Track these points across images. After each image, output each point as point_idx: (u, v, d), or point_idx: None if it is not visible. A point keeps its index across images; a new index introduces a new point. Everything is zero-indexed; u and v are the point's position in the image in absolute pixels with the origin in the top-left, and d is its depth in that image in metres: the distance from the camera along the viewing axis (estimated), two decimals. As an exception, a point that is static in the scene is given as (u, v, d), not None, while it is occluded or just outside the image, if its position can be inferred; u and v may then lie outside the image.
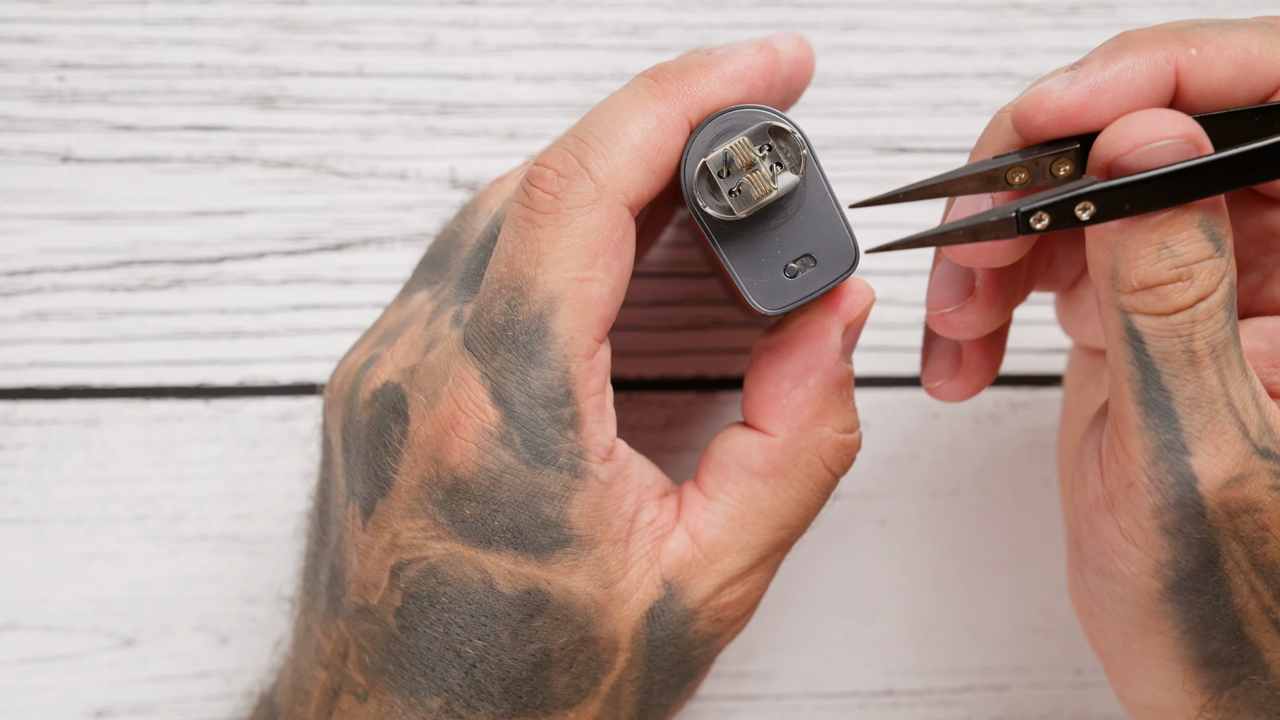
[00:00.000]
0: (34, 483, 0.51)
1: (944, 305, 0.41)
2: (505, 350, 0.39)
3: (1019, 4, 0.52)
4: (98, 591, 0.51)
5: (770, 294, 0.40)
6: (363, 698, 0.41)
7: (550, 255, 0.39)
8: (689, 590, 0.40)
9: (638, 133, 0.39)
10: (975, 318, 0.41)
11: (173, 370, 0.51)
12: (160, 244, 0.51)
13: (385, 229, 0.51)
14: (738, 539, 0.41)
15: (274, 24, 0.51)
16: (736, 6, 0.52)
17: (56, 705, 0.50)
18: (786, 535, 0.41)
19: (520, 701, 0.40)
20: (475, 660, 0.40)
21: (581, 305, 0.39)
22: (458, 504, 0.39)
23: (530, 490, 0.39)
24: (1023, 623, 0.52)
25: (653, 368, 0.52)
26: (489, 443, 0.39)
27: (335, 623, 0.42)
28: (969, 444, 0.52)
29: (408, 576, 0.40)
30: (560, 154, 0.39)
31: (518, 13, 0.51)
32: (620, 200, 0.39)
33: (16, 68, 0.51)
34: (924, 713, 0.52)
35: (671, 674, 0.41)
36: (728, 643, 0.42)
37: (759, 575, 0.41)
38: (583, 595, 0.39)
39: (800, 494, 0.41)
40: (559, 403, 0.39)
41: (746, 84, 0.40)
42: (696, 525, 0.41)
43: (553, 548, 0.39)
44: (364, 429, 0.41)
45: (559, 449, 0.39)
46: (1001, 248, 0.39)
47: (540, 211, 0.39)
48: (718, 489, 0.41)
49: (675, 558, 0.41)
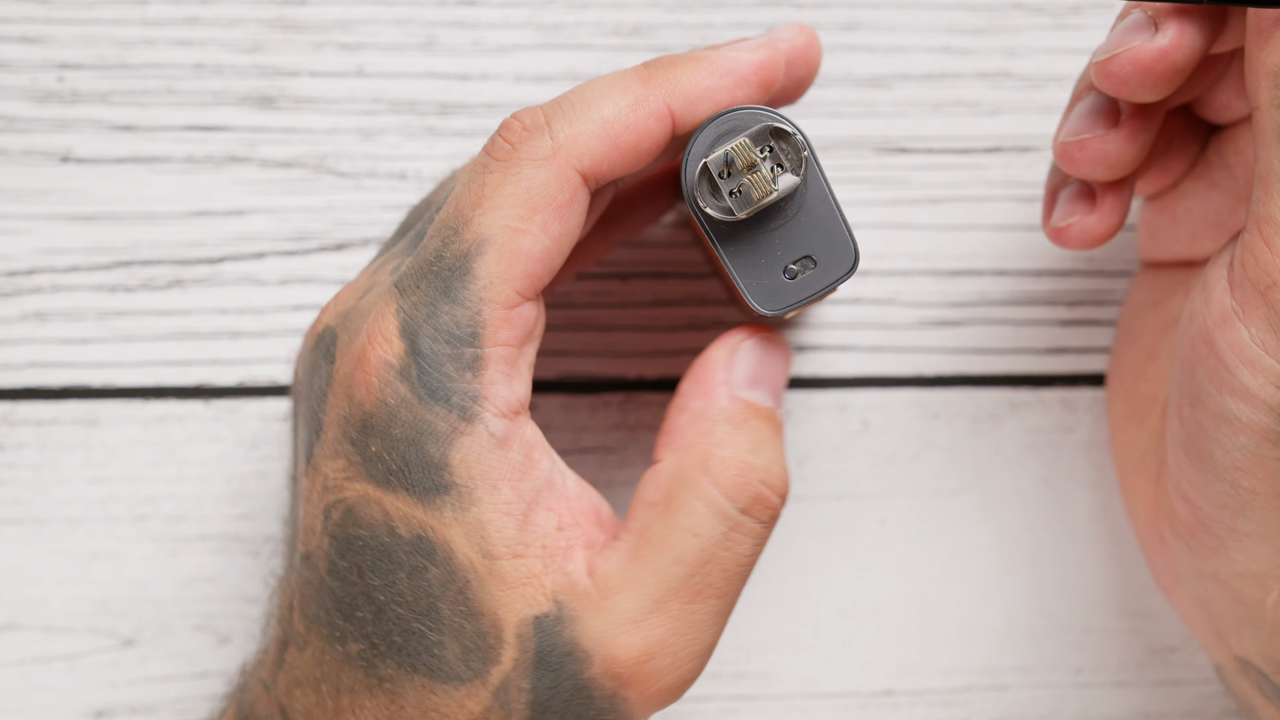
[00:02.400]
0: (34, 483, 0.51)
1: (1083, 133, 0.41)
2: (426, 285, 0.39)
3: (1019, 4, 0.52)
4: (98, 591, 0.51)
5: (769, 295, 0.40)
6: (302, 647, 0.41)
7: (491, 199, 0.39)
8: (580, 623, 0.39)
9: (610, 107, 0.39)
10: (1116, 147, 0.41)
11: (173, 370, 0.51)
12: (160, 244, 0.51)
13: (385, 229, 0.51)
14: (629, 575, 0.39)
15: (274, 24, 0.51)
16: (736, 6, 0.52)
17: (56, 705, 0.50)
18: (683, 574, 0.39)
19: (419, 659, 0.39)
20: (383, 605, 0.39)
21: (510, 254, 0.39)
22: (366, 441, 0.39)
23: (420, 427, 0.38)
24: (1023, 623, 0.52)
25: (653, 368, 0.52)
26: (389, 375, 0.39)
27: (290, 576, 0.42)
28: (969, 444, 0.52)
29: (333, 519, 0.40)
30: (532, 111, 0.40)
31: (518, 13, 0.51)
32: (573, 164, 0.39)
33: (16, 68, 0.51)
34: (924, 713, 0.52)
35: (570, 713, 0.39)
36: (644, 713, 0.40)
37: (659, 627, 0.39)
38: (461, 554, 0.39)
39: (689, 520, 0.39)
40: (463, 342, 0.38)
41: (736, 77, 0.40)
42: (596, 561, 0.40)
43: (434, 492, 0.38)
44: (306, 375, 0.41)
45: (453, 387, 0.38)
46: (1163, 69, 0.39)
47: (496, 159, 0.39)
48: (623, 528, 0.40)
49: (568, 580, 0.39)
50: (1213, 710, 0.52)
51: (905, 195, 0.52)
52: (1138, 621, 0.52)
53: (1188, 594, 0.45)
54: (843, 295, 0.51)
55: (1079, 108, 0.42)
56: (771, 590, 0.52)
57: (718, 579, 0.40)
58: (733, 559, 0.40)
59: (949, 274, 0.52)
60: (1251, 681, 0.44)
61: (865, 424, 0.52)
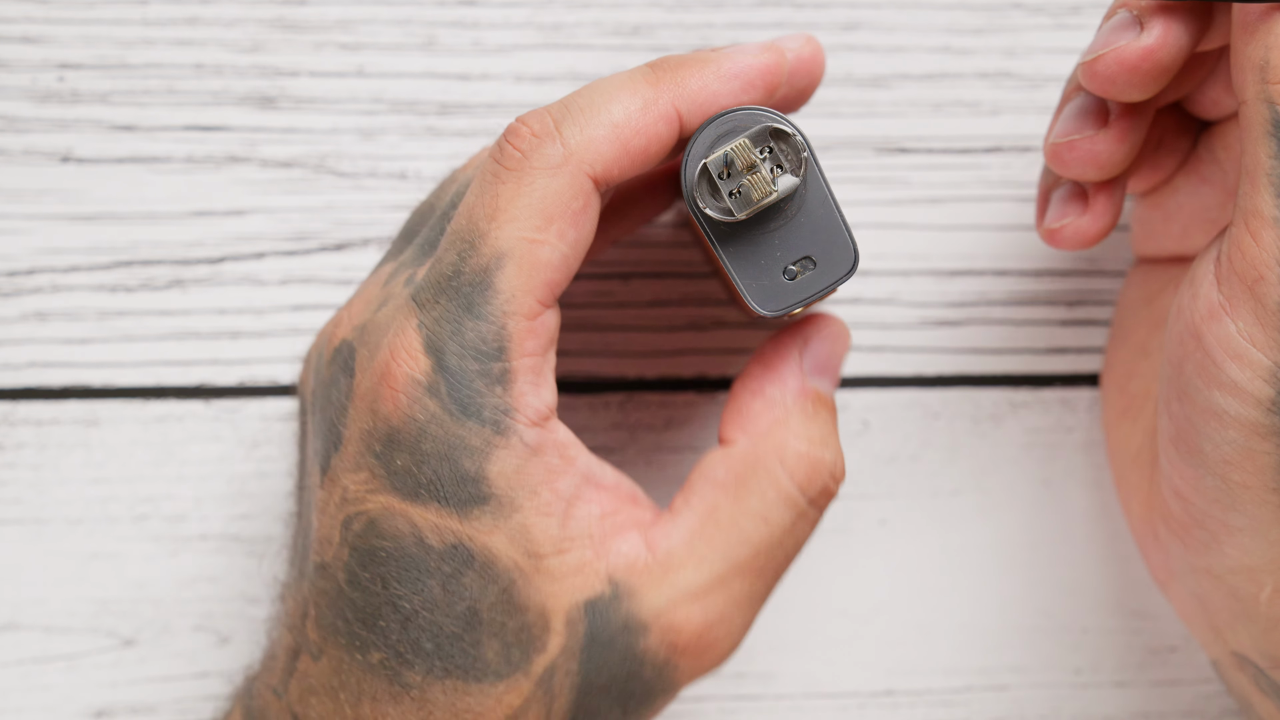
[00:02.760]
0: (34, 483, 0.51)
1: (1072, 134, 0.41)
2: (447, 300, 0.39)
3: (1019, 4, 0.52)
4: (98, 591, 0.51)
5: (769, 296, 0.40)
6: (316, 655, 0.41)
7: (506, 212, 0.39)
8: (639, 598, 0.40)
9: (619, 110, 0.39)
10: (1106, 148, 0.41)
11: (173, 370, 0.51)
12: (160, 244, 0.51)
13: (385, 229, 0.51)
14: (694, 551, 0.40)
15: (274, 24, 0.51)
16: (736, 6, 0.52)
17: (56, 705, 0.50)
18: (749, 555, 0.40)
19: (453, 662, 0.39)
20: (410, 614, 0.39)
21: (529, 265, 0.39)
22: (391, 455, 0.39)
23: (452, 442, 0.39)
24: (1023, 623, 0.52)
25: (653, 368, 0.52)
26: (417, 391, 0.39)
27: (301, 585, 0.42)
28: (969, 444, 0.52)
29: (353, 531, 0.40)
30: (539, 116, 0.39)
31: (518, 13, 0.51)
32: (586, 170, 0.39)
33: (16, 68, 0.51)
34: (924, 713, 0.52)
35: (616, 688, 0.40)
36: (689, 679, 0.41)
37: (719, 600, 0.40)
38: (505, 558, 0.39)
39: (760, 505, 0.41)
40: (491, 357, 0.39)
41: (742, 81, 0.40)
42: (655, 536, 0.41)
43: (471, 504, 0.39)
44: (323, 388, 0.41)
45: (484, 402, 0.39)
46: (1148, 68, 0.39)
47: (507, 168, 0.39)
48: (684, 505, 0.41)
49: (625, 559, 0.40)
50: (1212, 710, 0.52)
51: (905, 195, 0.52)
52: (1137, 621, 0.52)
53: (1183, 590, 0.45)
54: (843, 295, 0.51)
55: (1068, 109, 0.42)
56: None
57: (779, 561, 0.41)
58: (794, 544, 0.41)
59: (948, 274, 0.52)
60: (1248, 676, 0.44)
61: (865, 424, 0.52)
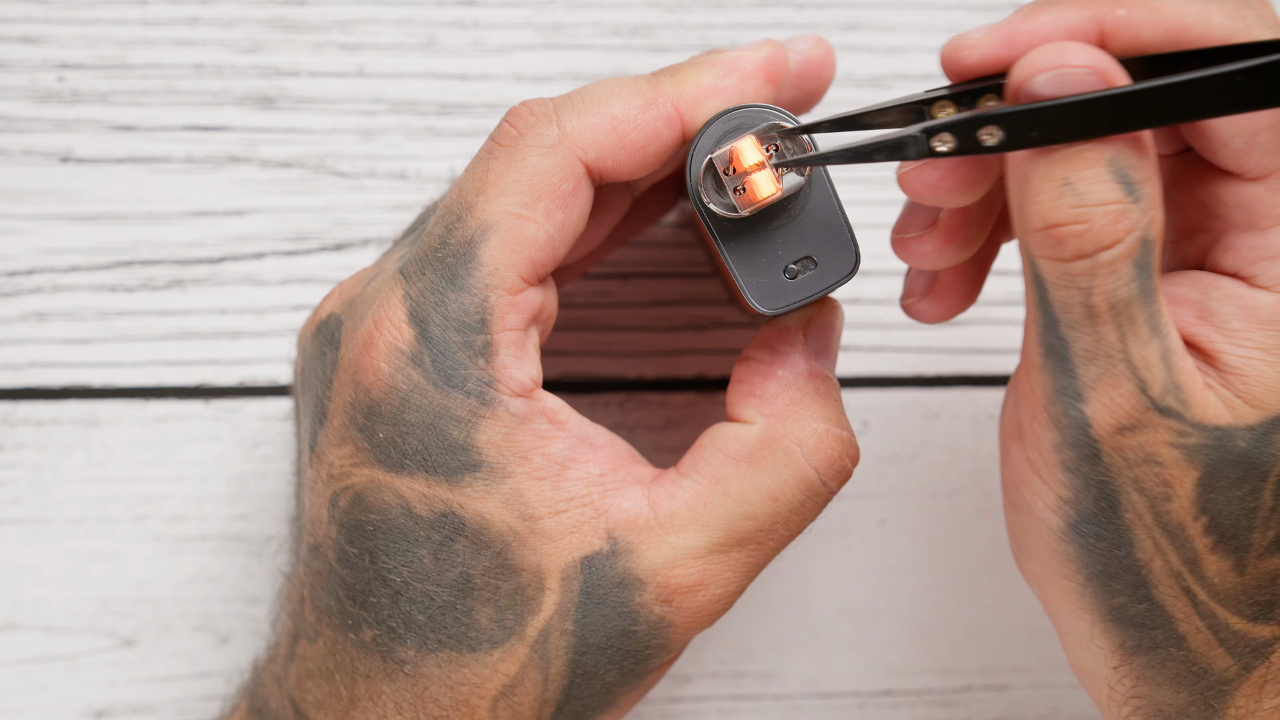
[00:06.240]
0: (34, 483, 0.50)
1: (905, 231, 0.41)
2: (432, 272, 0.39)
3: (1019, 4, 0.52)
4: (98, 591, 0.51)
5: (769, 294, 0.40)
6: (313, 639, 0.41)
7: (495, 186, 0.39)
8: (637, 554, 0.40)
9: (620, 106, 0.39)
10: (931, 249, 0.41)
11: (173, 370, 0.51)
12: (160, 244, 0.51)
13: (385, 229, 0.51)
14: (697, 515, 0.40)
15: (274, 24, 0.51)
16: (736, 6, 0.52)
17: (56, 705, 0.50)
18: (752, 529, 0.40)
19: (446, 632, 0.39)
20: (401, 587, 0.39)
21: (513, 240, 0.39)
22: (374, 427, 0.39)
23: (437, 412, 0.39)
24: (1023, 623, 0.52)
25: (653, 368, 0.52)
26: (400, 361, 0.39)
27: (298, 569, 0.42)
28: (969, 444, 0.52)
29: (340, 507, 0.40)
30: (541, 101, 0.40)
31: (518, 13, 0.51)
32: (579, 154, 0.39)
33: (16, 68, 0.51)
34: (924, 713, 0.52)
35: (613, 647, 0.40)
36: (683, 638, 0.41)
37: (717, 565, 0.40)
38: (498, 522, 0.39)
39: (773, 484, 0.40)
40: (473, 329, 0.39)
41: (741, 74, 0.40)
42: (658, 495, 0.40)
43: (461, 471, 0.39)
44: (309, 363, 0.41)
45: (467, 374, 0.39)
46: (949, 186, 0.38)
47: (501, 145, 0.39)
48: (691, 468, 0.41)
49: (626, 516, 0.40)
50: (1212, 710, 0.52)
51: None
52: (1137, 621, 0.52)
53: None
54: (843, 295, 0.51)
55: (908, 203, 0.41)
56: (771, 590, 0.52)
57: (781, 538, 0.41)
58: (799, 523, 0.41)
59: (949, 274, 0.52)
60: None
61: (865, 424, 0.52)
